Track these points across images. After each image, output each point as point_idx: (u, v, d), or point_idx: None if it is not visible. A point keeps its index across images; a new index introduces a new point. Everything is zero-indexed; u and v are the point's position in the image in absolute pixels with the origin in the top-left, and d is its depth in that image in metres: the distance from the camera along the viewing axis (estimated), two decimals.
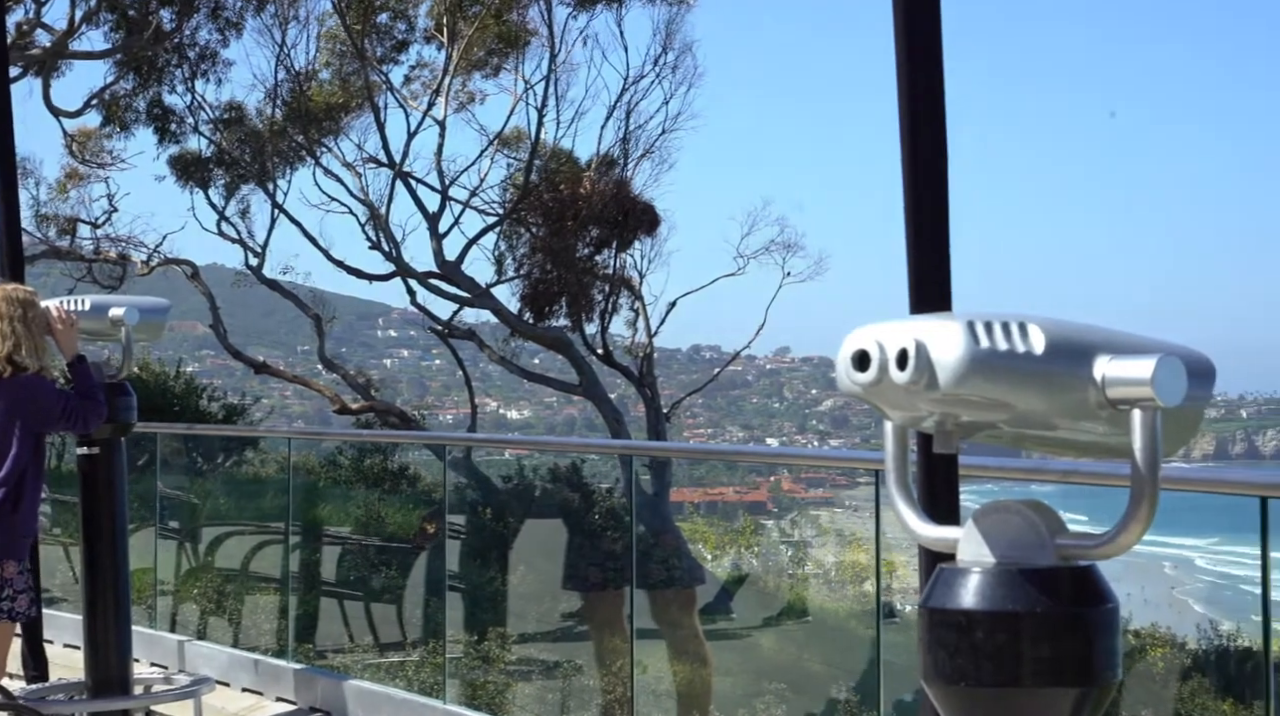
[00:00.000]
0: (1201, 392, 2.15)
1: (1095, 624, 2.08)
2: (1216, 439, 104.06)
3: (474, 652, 10.10)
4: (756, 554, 24.26)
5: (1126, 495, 2.07)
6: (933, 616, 2.11)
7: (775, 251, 25.53)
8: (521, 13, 24.26)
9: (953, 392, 1.99)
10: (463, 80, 24.61)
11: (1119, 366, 2.02)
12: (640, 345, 24.93)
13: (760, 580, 20.41)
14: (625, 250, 24.78)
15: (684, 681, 12.14)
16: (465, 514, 12.78)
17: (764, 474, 47.25)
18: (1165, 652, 13.65)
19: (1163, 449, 2.05)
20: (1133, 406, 2.02)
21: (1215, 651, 13.43)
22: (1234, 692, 11.51)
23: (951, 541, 2.16)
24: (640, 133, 24.64)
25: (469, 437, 20.49)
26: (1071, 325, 2.07)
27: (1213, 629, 14.99)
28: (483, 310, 24.99)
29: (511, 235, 24.91)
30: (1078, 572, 2.10)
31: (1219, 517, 43.66)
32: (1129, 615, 16.27)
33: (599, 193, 24.11)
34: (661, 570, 14.61)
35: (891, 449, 2.23)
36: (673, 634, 13.06)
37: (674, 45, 24.49)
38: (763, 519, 37.79)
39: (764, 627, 14.76)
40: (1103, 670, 2.08)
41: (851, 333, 2.08)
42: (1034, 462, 4.53)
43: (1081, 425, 2.10)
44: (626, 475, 9.85)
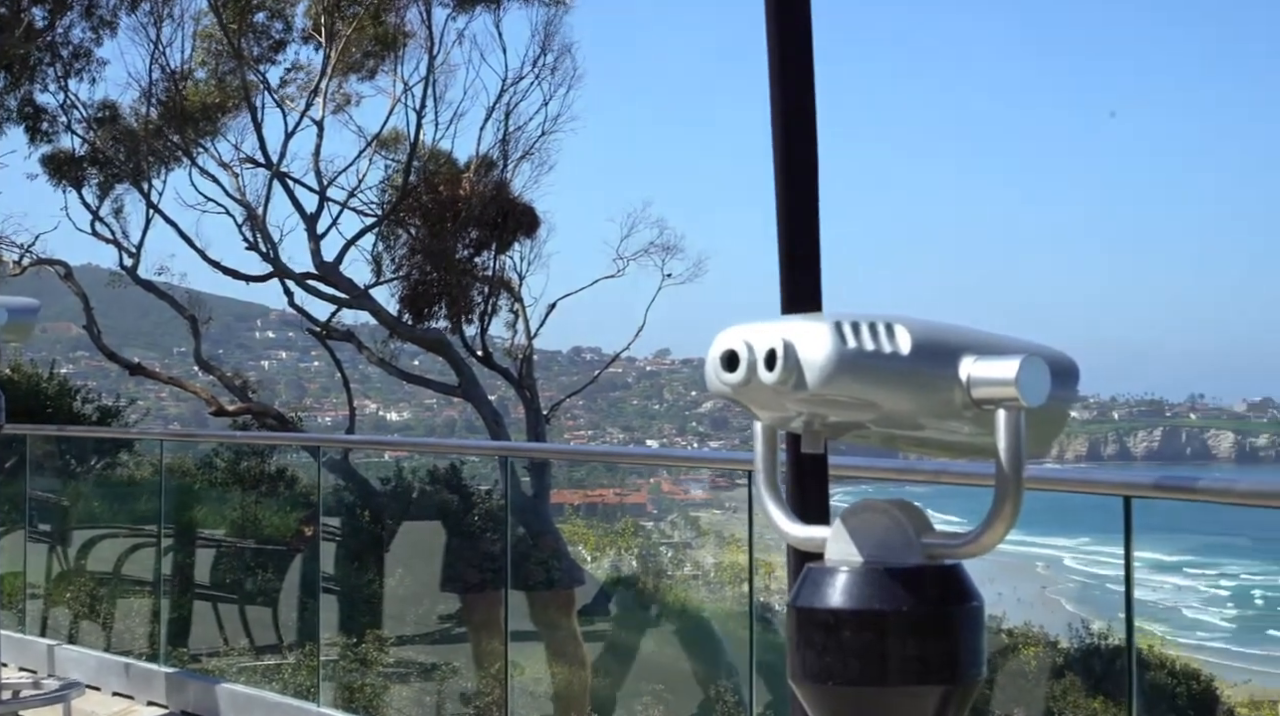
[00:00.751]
0: (1065, 392, 2.17)
1: (961, 622, 2.09)
2: (1089, 440, 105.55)
3: (352, 655, 10.05)
4: (636, 555, 24.34)
5: (989, 494, 2.09)
6: (800, 616, 2.11)
7: (654, 253, 25.62)
8: (400, 14, 24.15)
9: (820, 393, 1.99)
10: (340, 81, 24.47)
11: (984, 367, 2.03)
12: (520, 347, 24.91)
13: (640, 581, 20.46)
14: (505, 252, 24.77)
15: (562, 682, 12.14)
16: (343, 516, 12.71)
17: (644, 476, 47.38)
18: (1038, 651, 13.84)
19: (1027, 448, 2.07)
20: (997, 406, 2.04)
21: (1086, 650, 13.64)
22: (1104, 690, 11.69)
23: (820, 541, 2.17)
24: (520, 134, 24.64)
25: (345, 439, 20.38)
26: (938, 326, 2.08)
27: (1084, 628, 15.21)
28: (361, 312, 24.88)
29: (390, 236, 24.81)
30: (944, 571, 2.11)
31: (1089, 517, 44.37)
32: (1003, 614, 16.47)
33: (478, 194, 24.07)
34: (540, 572, 14.62)
35: (760, 449, 2.23)
36: (551, 635, 13.06)
37: (552, 47, 24.52)
38: (643, 520, 37.93)
39: (642, 628, 14.81)
40: (968, 668, 2.10)
41: (720, 333, 2.08)
42: (905, 463, 4.58)
43: (948, 425, 2.12)
44: (504, 477, 9.82)
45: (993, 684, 12.38)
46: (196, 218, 25.80)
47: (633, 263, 25.60)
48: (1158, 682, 13.93)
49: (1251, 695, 18.71)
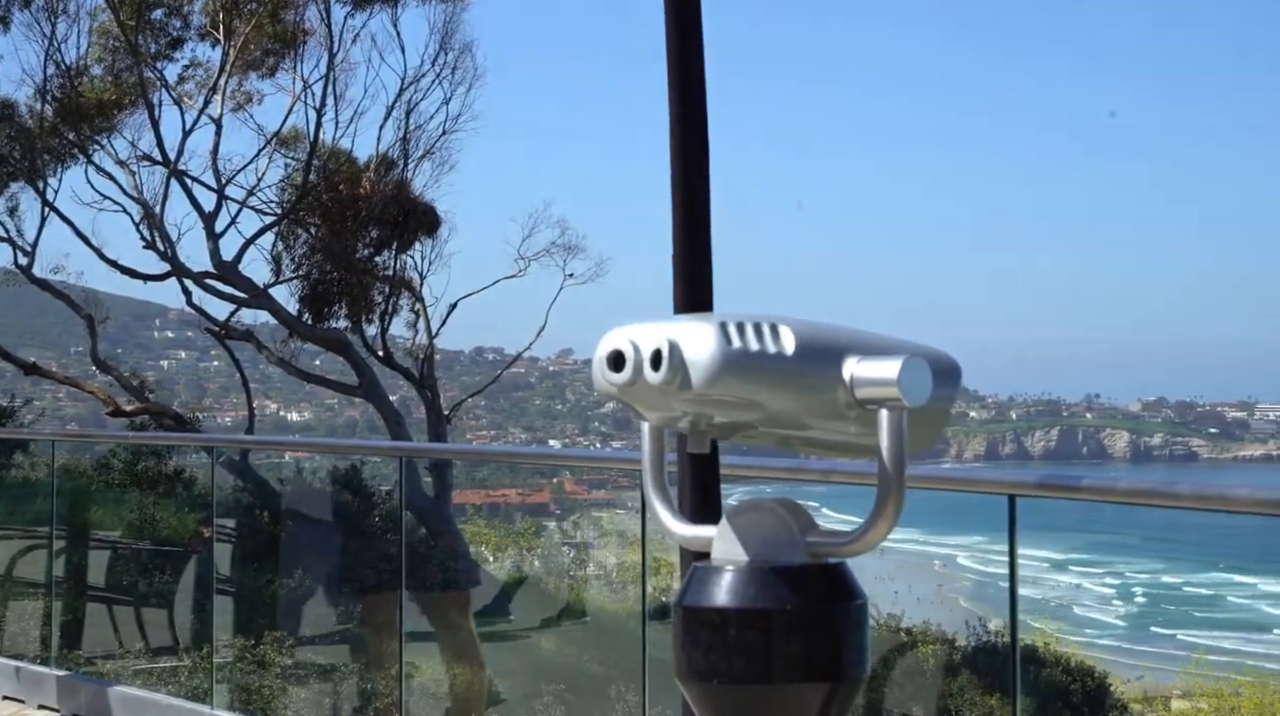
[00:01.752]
0: (947, 392, 2.20)
1: (844, 620, 2.12)
2: (988, 440, 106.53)
3: (249, 657, 9.98)
4: (539, 555, 24.32)
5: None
6: (687, 614, 2.13)
7: (556, 253, 25.58)
8: (298, 12, 23.99)
9: (705, 392, 2.01)
10: (239, 79, 24.27)
11: (866, 367, 2.06)
12: (421, 347, 24.80)
13: (541, 581, 20.44)
14: (406, 251, 24.65)
15: (461, 683, 12.12)
16: (242, 516, 12.61)
17: (547, 476, 47.30)
18: (935, 649, 13.95)
19: (909, 447, 2.09)
20: (880, 406, 2.06)
21: (983, 647, 13.75)
22: (1001, 688, 11.80)
23: (707, 540, 2.19)
24: (420, 133, 24.54)
25: (240, 439, 20.21)
26: (822, 327, 2.10)
27: (981, 625, 15.34)
28: (261, 311, 24.67)
29: (289, 235, 24.63)
30: (828, 570, 2.13)
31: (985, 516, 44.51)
32: (901, 613, 16.57)
33: (379, 193, 23.95)
34: (439, 573, 14.55)
35: (648, 449, 2.24)
36: (450, 636, 13.02)
37: (452, 45, 24.43)
38: (545, 521, 37.87)
39: (543, 629, 14.80)
40: (852, 665, 2.12)
41: (607, 334, 2.09)
42: (795, 462, 4.61)
43: (832, 425, 2.14)
44: (401, 477, 9.78)
45: (889, 681, 12.48)
46: (93, 216, 25.49)
47: (534, 263, 25.56)
48: (1053, 680, 14.06)
49: (1145, 691, 18.94)
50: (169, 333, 68.80)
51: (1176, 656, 32.38)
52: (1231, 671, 21.24)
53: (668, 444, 2.26)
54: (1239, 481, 10.78)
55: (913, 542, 59.51)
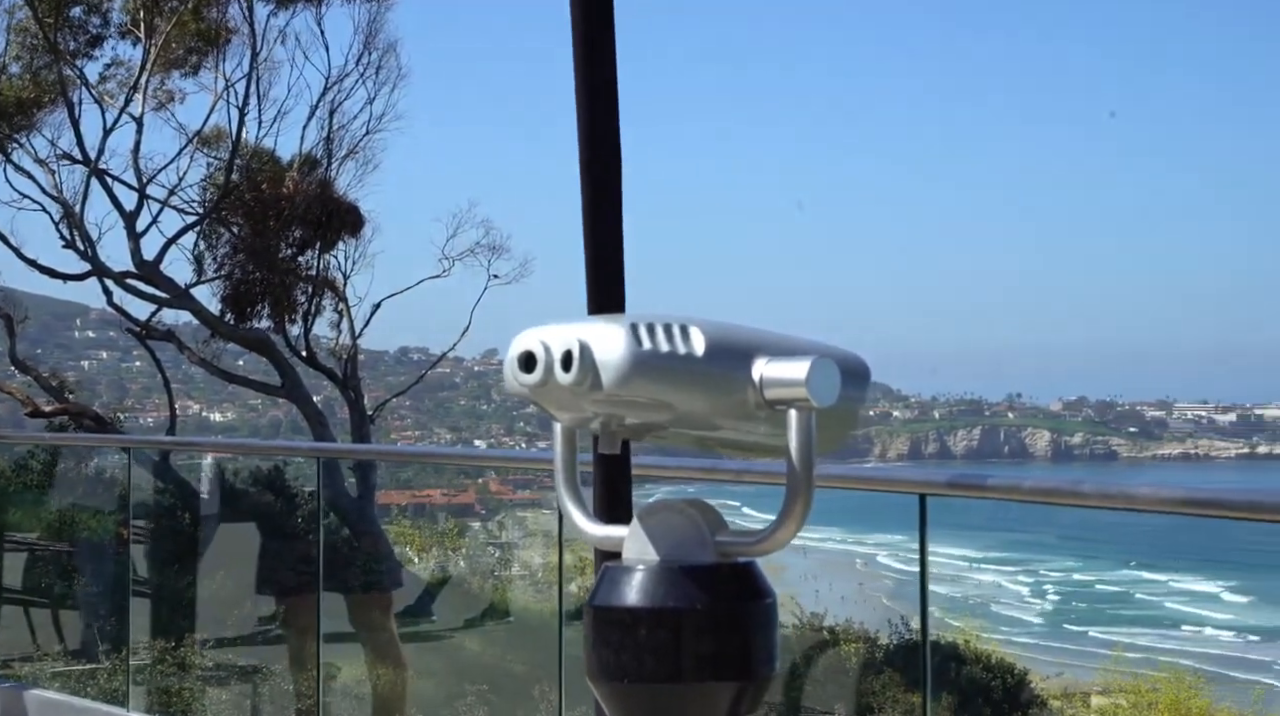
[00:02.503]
0: (856, 393, 2.22)
1: (754, 619, 2.13)
2: (911, 439, 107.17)
3: (170, 659, 9.93)
4: (464, 556, 24.30)
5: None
6: (597, 614, 2.14)
7: (480, 253, 25.56)
8: (221, 10, 23.86)
9: (615, 393, 2.02)
10: (161, 77, 24.11)
11: (776, 368, 2.07)
12: (344, 347, 24.73)
13: (465, 582, 20.43)
14: (329, 251, 24.56)
15: (384, 684, 12.10)
16: (163, 518, 12.53)
17: (472, 476, 47.23)
18: (858, 647, 14.04)
19: (818, 447, 2.11)
20: (789, 406, 2.08)
21: (905, 645, 13.84)
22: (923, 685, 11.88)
23: (618, 540, 2.20)
24: (344, 133, 24.46)
25: (157, 440, 20.11)
26: (732, 328, 2.12)
27: (903, 623, 15.45)
28: (183, 311, 24.52)
29: (212, 235, 24.49)
30: (738, 569, 2.15)
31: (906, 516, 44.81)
32: (824, 611, 16.67)
33: (302, 193, 23.86)
34: (362, 574, 14.52)
35: (560, 450, 2.25)
36: (373, 637, 13.00)
37: (376, 45, 24.37)
38: (470, 521, 37.83)
39: (466, 629, 14.80)
40: (761, 664, 2.13)
41: (518, 335, 2.10)
42: (710, 462, 4.64)
43: (743, 425, 2.15)
44: (319, 478, 9.76)
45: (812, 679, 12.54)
46: (12, 215, 25.22)
47: (459, 263, 25.54)
48: (974, 677, 14.19)
49: (1065, 687, 19.11)
50: (90, 333, 68.20)
51: (1094, 653, 32.72)
52: (1148, 668, 21.49)
53: (581, 444, 2.27)
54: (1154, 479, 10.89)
55: (836, 542, 59.85)
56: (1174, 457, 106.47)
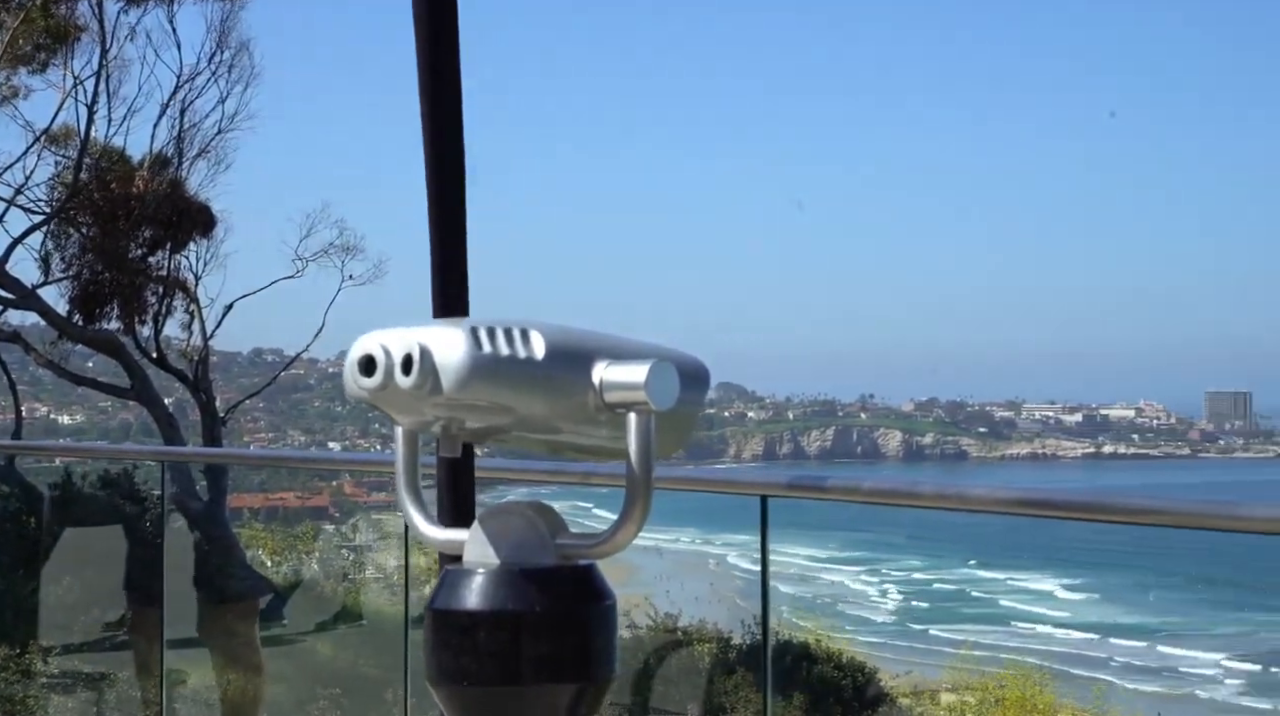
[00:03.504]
0: (695, 396, 2.24)
1: (593, 621, 2.14)
2: (765, 440, 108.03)
3: (14, 666, 9.77)
4: (317, 559, 24.10)
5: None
6: (437, 617, 2.14)
7: (334, 254, 25.42)
8: (70, 6, 23.49)
9: (455, 397, 2.02)
10: (7, 74, 23.69)
11: (615, 371, 2.09)
12: (196, 348, 24.48)
13: (318, 585, 20.27)
14: (180, 251, 24.32)
15: (235, 690, 11.97)
16: (8, 522, 12.33)
17: (327, 479, 46.95)
18: (710, 647, 14.11)
19: (658, 451, 2.13)
20: (628, 409, 2.09)
21: (758, 645, 13.94)
22: (776, 683, 11.97)
23: (459, 543, 2.20)
24: (195, 132, 24.22)
25: (4, 444, 19.77)
26: (573, 331, 2.13)
27: (756, 623, 15.54)
28: (29, 312, 24.12)
29: (60, 235, 24.13)
30: (577, 571, 2.16)
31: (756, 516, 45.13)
32: (678, 612, 16.73)
33: (152, 192, 23.56)
34: (213, 578, 14.36)
35: (401, 453, 2.25)
36: (225, 642, 12.85)
37: (229, 44, 24.15)
38: (324, 523, 37.56)
39: (318, 632, 14.69)
40: (601, 666, 2.15)
41: (359, 338, 2.10)
42: (555, 464, 4.65)
43: (584, 428, 2.16)
44: (162, 482, 9.64)
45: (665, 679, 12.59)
46: None
47: (312, 263, 25.38)
48: (825, 676, 14.30)
49: (915, 685, 19.34)
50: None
51: (940, 651, 33.17)
52: (994, 666, 21.81)
53: (429, 448, 2.27)
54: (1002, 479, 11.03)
55: (690, 542, 60.21)
56: (1022, 457, 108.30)
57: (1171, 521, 3.67)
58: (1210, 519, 3.53)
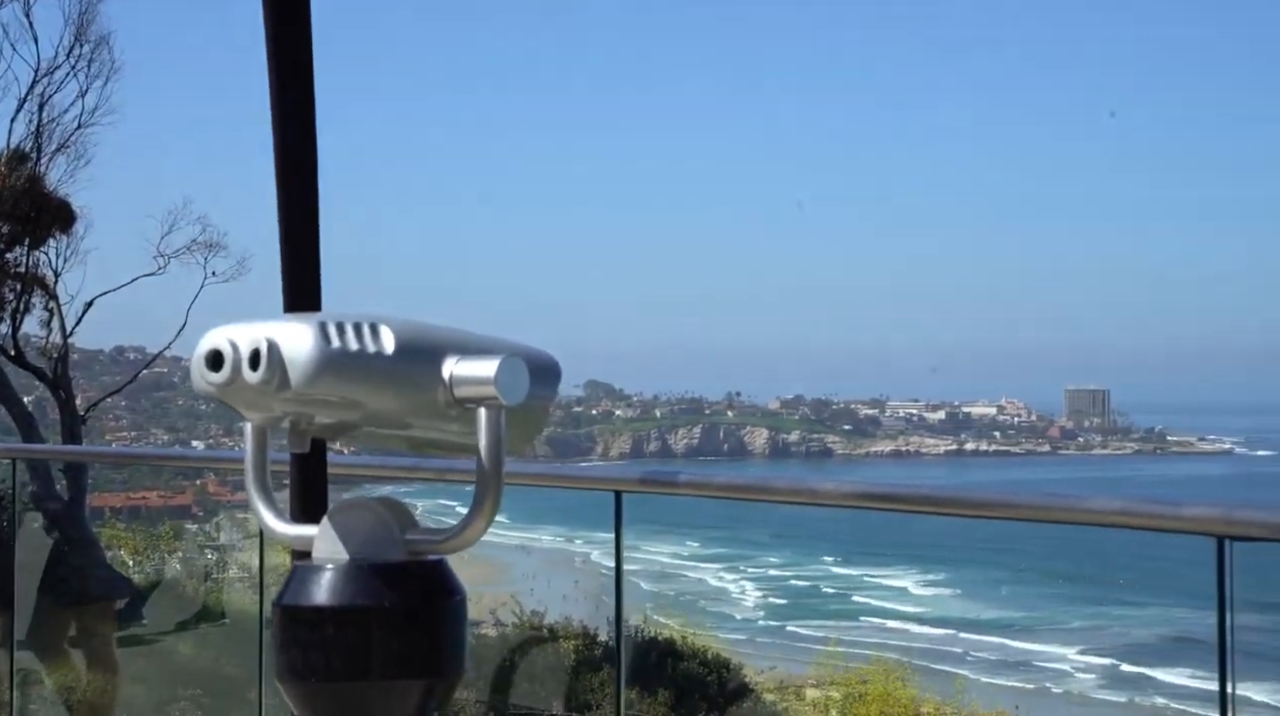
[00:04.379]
0: (545, 392, 2.24)
1: (443, 617, 2.14)
2: (633, 438, 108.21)
3: None
4: (180, 558, 23.80)
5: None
6: (285, 614, 2.13)
7: (197, 251, 25.16)
8: None
9: (304, 392, 2.01)
10: None
11: (465, 366, 2.09)
12: (55, 346, 24.12)
13: (179, 585, 20.02)
14: (39, 248, 23.95)
15: (94, 691, 11.80)
16: None
17: (190, 477, 46.50)
18: (577, 644, 14.11)
19: (508, 446, 2.13)
20: (478, 404, 2.09)
21: (624, 641, 13.97)
22: (640, 681, 12.02)
23: (309, 539, 2.19)
24: (55, 126, 23.85)
25: None
26: (423, 326, 2.12)
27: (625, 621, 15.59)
28: None
29: None
30: (427, 567, 2.16)
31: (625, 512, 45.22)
32: (544, 609, 16.72)
33: (10, 188, 23.18)
34: (71, 579, 14.14)
35: (251, 449, 2.23)
36: (84, 643, 12.68)
37: (88, 37, 23.80)
38: (187, 522, 37.14)
39: (179, 632, 14.50)
40: (450, 661, 2.15)
41: (207, 333, 2.08)
42: (413, 461, 4.62)
43: (435, 424, 2.16)
44: (13, 481, 9.50)
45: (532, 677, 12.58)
46: None
47: (174, 260, 25.10)
48: (690, 672, 14.35)
49: (781, 681, 19.44)
50: None
51: (802, 647, 33.43)
52: (858, 661, 21.99)
53: (273, 443, 2.25)
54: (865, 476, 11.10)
55: (557, 540, 60.23)
56: (886, 455, 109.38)
57: (1015, 514, 3.75)
58: (1052, 511, 3.61)
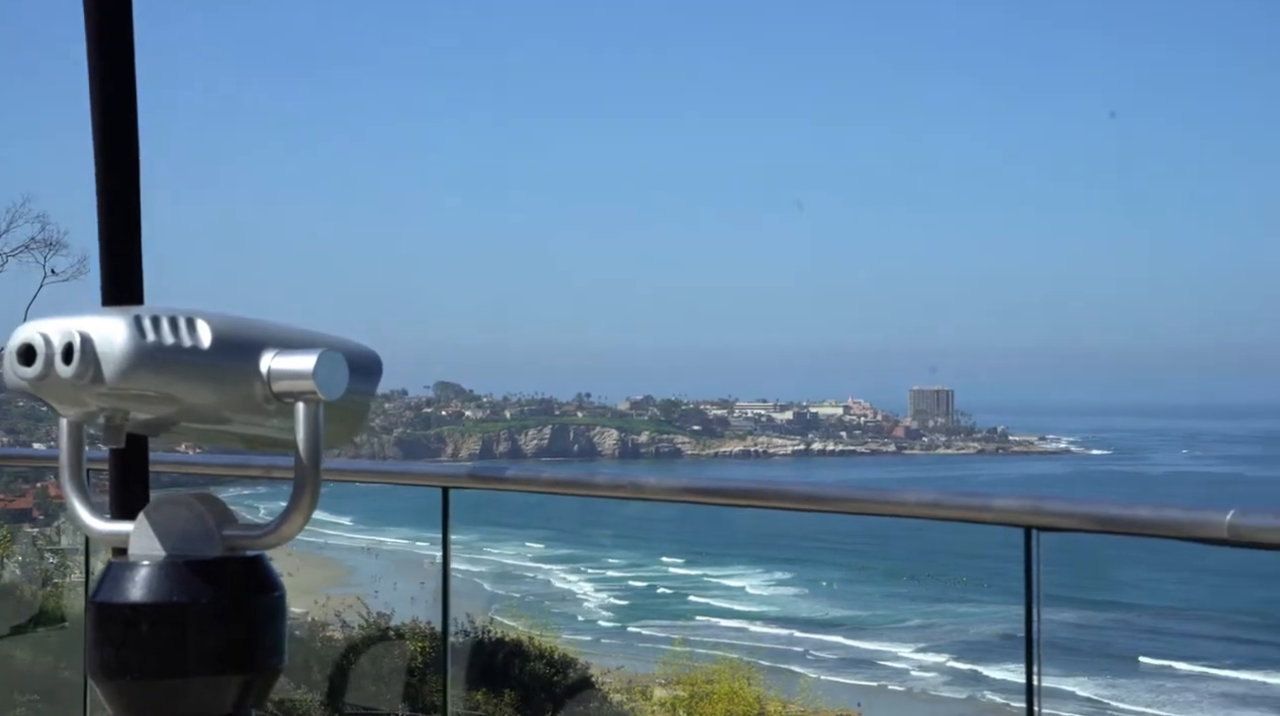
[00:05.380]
0: (365, 387, 2.24)
1: (261, 612, 2.13)
2: (483, 439, 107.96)
3: None
4: (18, 562, 23.39)
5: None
6: (100, 611, 2.10)
7: (36, 250, 24.74)
8: None
9: (119, 387, 1.99)
10: None
11: (283, 361, 2.07)
12: None
13: (17, 589, 19.65)
14: None
15: None
16: None
17: (30, 480, 45.64)
18: (424, 646, 14.04)
19: (328, 441, 2.12)
20: (297, 399, 2.08)
21: (471, 643, 13.92)
22: (487, 682, 12.00)
23: (125, 535, 2.17)
24: None
25: None
26: (242, 320, 2.11)
27: (469, 621, 15.53)
28: None
29: None
30: (245, 563, 2.14)
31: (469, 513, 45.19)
32: (391, 611, 16.61)
33: None
34: None
35: (65, 445, 2.21)
36: None
37: None
38: (27, 526, 36.45)
39: (14, 636, 14.24)
40: (268, 656, 2.13)
41: (19, 327, 2.05)
42: (239, 458, 4.57)
43: (254, 419, 2.15)
44: None
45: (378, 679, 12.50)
46: None
47: (13, 259, 24.66)
48: (537, 672, 14.34)
49: (629, 681, 19.49)
50: None
51: (646, 647, 33.54)
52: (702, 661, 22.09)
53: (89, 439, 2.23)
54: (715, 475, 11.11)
55: (404, 542, 59.88)
56: (735, 455, 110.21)
57: (831, 508, 3.84)
58: (868, 504, 3.70)
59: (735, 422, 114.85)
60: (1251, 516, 2.95)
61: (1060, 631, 44.08)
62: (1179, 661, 44.10)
